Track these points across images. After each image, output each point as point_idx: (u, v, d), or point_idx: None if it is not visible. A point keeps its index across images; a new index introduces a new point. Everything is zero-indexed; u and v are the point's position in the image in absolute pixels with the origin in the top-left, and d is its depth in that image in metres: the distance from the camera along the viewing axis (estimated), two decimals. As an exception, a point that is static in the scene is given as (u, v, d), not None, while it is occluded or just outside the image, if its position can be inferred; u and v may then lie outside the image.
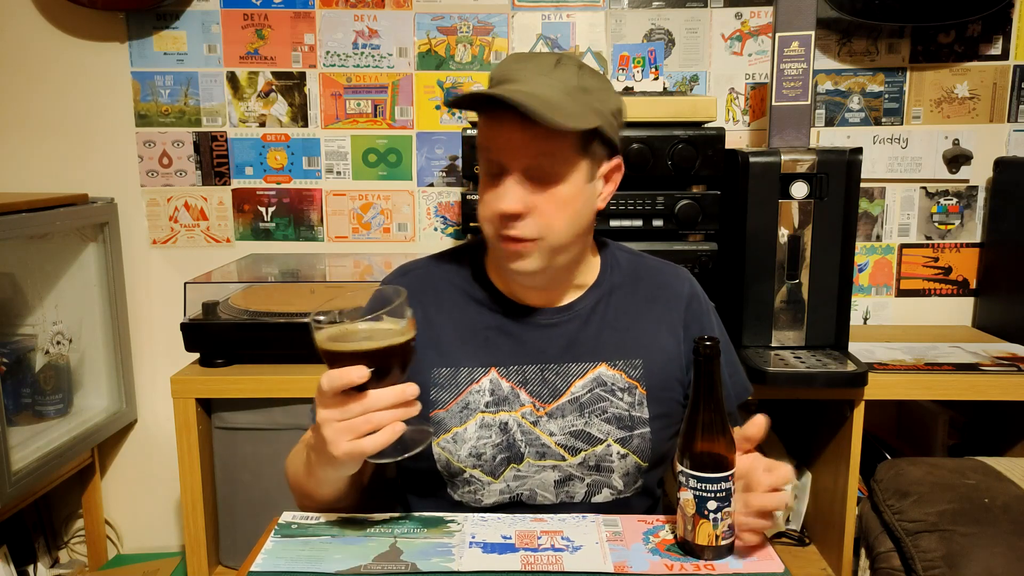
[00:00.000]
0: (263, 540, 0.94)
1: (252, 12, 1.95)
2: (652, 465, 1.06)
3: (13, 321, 1.87)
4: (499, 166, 0.97)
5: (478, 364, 1.05)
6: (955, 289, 2.04)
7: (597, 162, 1.01)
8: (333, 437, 0.86)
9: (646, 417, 1.05)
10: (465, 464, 1.03)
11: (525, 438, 1.03)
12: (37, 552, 1.97)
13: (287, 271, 1.91)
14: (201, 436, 1.61)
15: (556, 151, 0.95)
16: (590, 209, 1.02)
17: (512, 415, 1.03)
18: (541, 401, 1.04)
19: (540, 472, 1.03)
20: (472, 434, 1.02)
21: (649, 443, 1.04)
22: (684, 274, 1.15)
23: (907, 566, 1.38)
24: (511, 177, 0.96)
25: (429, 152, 2.00)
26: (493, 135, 0.97)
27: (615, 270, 1.12)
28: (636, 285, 1.11)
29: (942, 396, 1.59)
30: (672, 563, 0.87)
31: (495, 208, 0.97)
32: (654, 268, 1.15)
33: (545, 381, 1.05)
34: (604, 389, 1.04)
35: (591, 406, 1.04)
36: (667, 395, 1.07)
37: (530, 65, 0.96)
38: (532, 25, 1.96)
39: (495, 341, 1.06)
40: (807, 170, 1.57)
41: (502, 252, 1.00)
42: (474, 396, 1.04)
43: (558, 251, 1.00)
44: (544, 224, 0.97)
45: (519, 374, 1.05)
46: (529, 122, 0.90)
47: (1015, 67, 1.95)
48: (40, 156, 2.00)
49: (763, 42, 1.96)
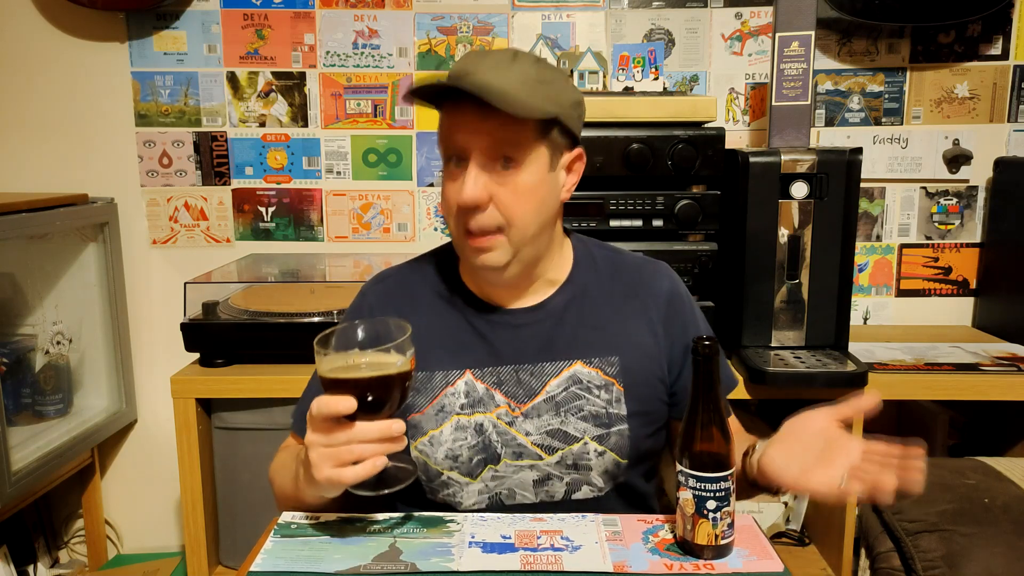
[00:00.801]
0: (263, 540, 0.94)
1: (252, 12, 1.95)
2: (632, 462, 1.06)
3: (13, 321, 1.87)
4: (458, 158, 0.98)
5: (453, 367, 1.05)
6: (955, 289, 2.04)
7: (558, 151, 1.01)
8: (317, 461, 0.87)
9: (624, 414, 1.04)
10: (442, 466, 1.03)
11: (501, 439, 1.03)
12: (37, 552, 1.97)
13: (287, 271, 1.91)
14: (201, 436, 1.61)
15: (514, 137, 0.96)
16: (554, 199, 1.02)
17: (487, 416, 1.03)
18: (516, 401, 1.04)
19: (518, 472, 1.03)
20: (448, 436, 1.03)
21: (627, 440, 1.04)
22: (664, 270, 1.14)
23: (907, 566, 1.38)
24: (471, 168, 0.96)
25: (429, 152, 2.00)
26: (452, 126, 0.97)
27: (589, 266, 1.11)
28: (613, 281, 1.11)
29: (942, 396, 1.59)
30: (672, 563, 0.87)
31: (456, 199, 0.97)
32: (632, 264, 1.14)
33: (520, 381, 1.05)
34: (580, 387, 1.04)
35: (567, 404, 1.04)
36: (646, 392, 1.06)
37: (488, 60, 0.97)
38: (532, 25, 1.96)
39: (469, 343, 1.06)
40: (807, 170, 1.57)
41: (467, 248, 1.01)
42: (449, 399, 1.04)
43: (523, 243, 1.00)
44: (506, 214, 0.97)
45: (494, 375, 1.05)
46: (487, 110, 0.91)
47: (1015, 67, 1.95)
48: (40, 156, 2.00)
49: (763, 42, 1.96)
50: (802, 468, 0.88)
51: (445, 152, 1.00)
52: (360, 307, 1.12)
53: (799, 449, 0.90)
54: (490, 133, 0.95)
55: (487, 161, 0.96)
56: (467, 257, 1.03)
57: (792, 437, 0.91)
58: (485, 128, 0.95)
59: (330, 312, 1.62)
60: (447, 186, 1.01)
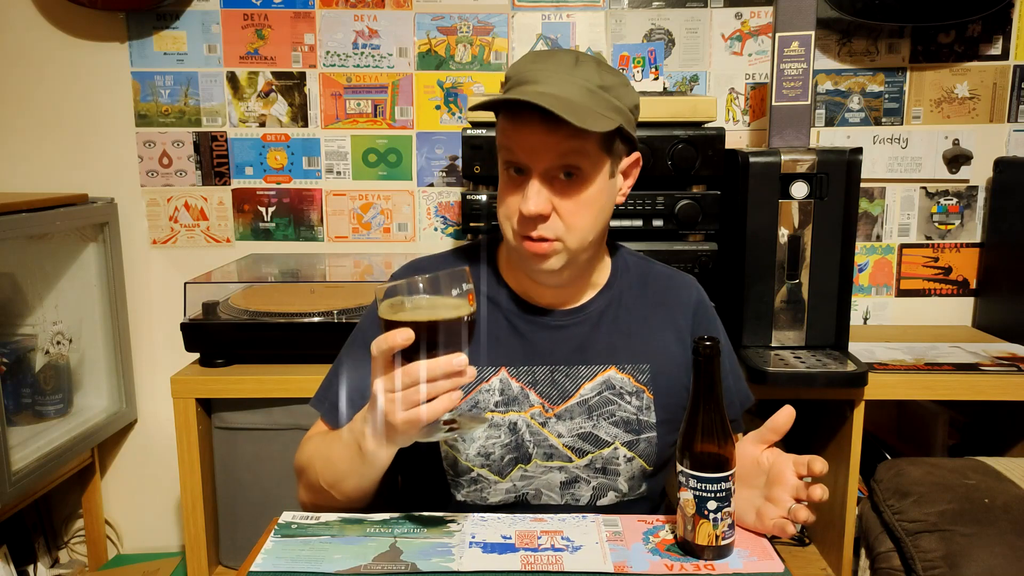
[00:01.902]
0: (263, 540, 0.94)
1: (252, 12, 1.95)
2: (656, 469, 1.07)
3: (13, 321, 1.87)
4: (522, 167, 0.97)
5: (489, 363, 1.05)
6: (955, 289, 2.04)
7: (618, 158, 1.01)
8: (388, 407, 0.85)
9: (653, 422, 1.05)
10: (473, 463, 1.03)
11: (533, 439, 1.03)
12: (37, 552, 1.97)
13: (287, 271, 1.91)
14: (201, 436, 1.61)
15: (580, 151, 0.95)
16: (611, 205, 1.03)
17: (521, 415, 1.03)
18: (550, 402, 1.04)
19: (547, 473, 1.03)
20: (481, 433, 1.03)
21: (655, 447, 1.05)
22: (692, 282, 1.16)
23: (907, 566, 1.38)
24: (535, 178, 0.95)
25: (429, 152, 2.00)
26: (516, 137, 0.95)
27: (625, 273, 1.12)
28: (644, 290, 1.11)
29: (942, 396, 1.59)
30: (672, 563, 0.87)
31: (520, 209, 0.96)
32: (662, 274, 1.15)
33: (555, 382, 1.05)
34: (613, 392, 1.05)
35: (599, 409, 1.04)
36: (673, 401, 1.06)
37: (550, 64, 0.95)
38: (532, 25, 1.96)
39: (506, 341, 1.06)
40: (807, 170, 1.57)
41: (524, 252, 1.00)
42: (484, 395, 1.04)
43: (581, 250, 1.00)
44: (567, 224, 0.97)
45: (529, 375, 1.05)
46: (553, 123, 0.90)
47: (1015, 67, 1.95)
48: (40, 156, 2.00)
49: (763, 42, 1.96)
50: (757, 512, 0.92)
51: (505, 159, 0.98)
52: None
53: (746, 492, 0.93)
54: (555, 147, 0.94)
55: (550, 172, 0.96)
56: (524, 261, 1.02)
57: (739, 481, 0.91)
58: (551, 142, 0.93)
59: (330, 312, 1.62)
60: (507, 190, 0.99)
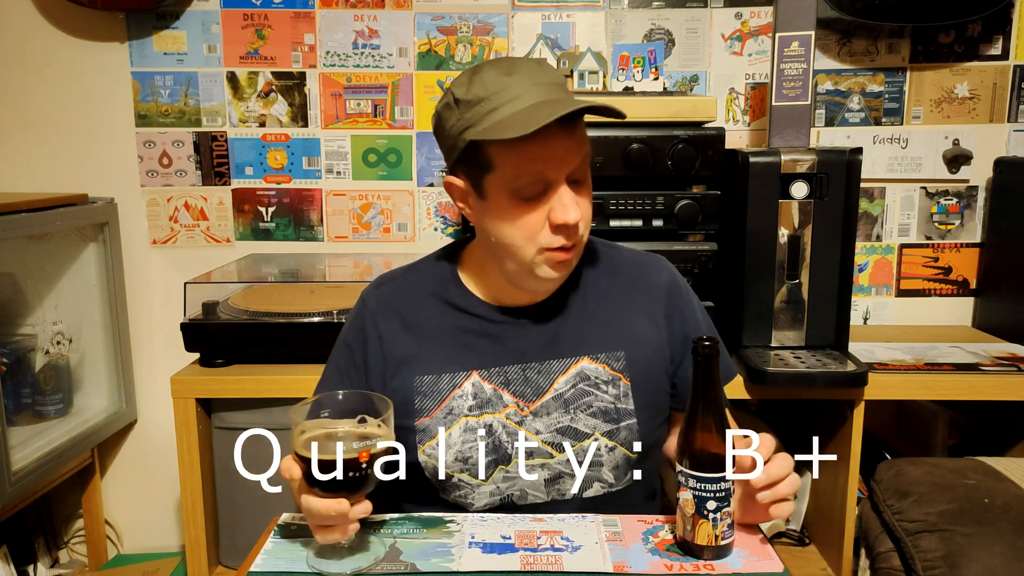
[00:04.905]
0: (263, 540, 0.94)
1: (252, 12, 1.95)
2: (642, 456, 1.06)
3: (13, 321, 1.87)
4: (543, 182, 0.95)
5: (459, 368, 1.05)
6: (955, 289, 2.04)
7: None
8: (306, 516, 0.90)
9: (632, 408, 1.04)
10: (452, 469, 1.03)
11: (511, 439, 1.02)
12: (37, 552, 1.97)
13: (287, 271, 1.91)
14: (201, 436, 1.61)
15: (586, 150, 0.98)
16: None
17: (496, 416, 1.03)
18: (524, 400, 1.04)
19: (529, 472, 1.03)
20: (457, 439, 1.02)
21: (637, 434, 1.04)
22: (662, 263, 1.15)
23: (907, 566, 1.38)
24: (560, 188, 0.95)
25: (429, 152, 2.00)
26: (542, 152, 0.93)
27: (589, 262, 1.11)
28: (614, 277, 1.11)
29: (942, 396, 1.59)
30: (672, 563, 0.87)
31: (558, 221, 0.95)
32: (631, 259, 1.14)
33: (527, 380, 1.04)
34: (588, 383, 1.04)
35: (576, 401, 1.04)
36: (652, 386, 1.06)
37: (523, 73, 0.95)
38: (532, 25, 1.96)
39: (475, 344, 1.06)
40: (807, 170, 1.57)
41: (551, 263, 0.99)
42: (457, 401, 1.04)
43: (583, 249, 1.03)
44: (584, 223, 0.99)
45: (501, 375, 1.04)
46: (570, 128, 0.93)
47: (1015, 67, 1.95)
48: (40, 156, 2.00)
49: (763, 42, 1.96)
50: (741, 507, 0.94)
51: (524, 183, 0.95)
52: (361, 313, 1.11)
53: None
54: (576, 150, 0.96)
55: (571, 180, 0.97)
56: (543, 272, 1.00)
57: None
58: (572, 146, 0.95)
59: (330, 312, 1.62)
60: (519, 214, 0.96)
